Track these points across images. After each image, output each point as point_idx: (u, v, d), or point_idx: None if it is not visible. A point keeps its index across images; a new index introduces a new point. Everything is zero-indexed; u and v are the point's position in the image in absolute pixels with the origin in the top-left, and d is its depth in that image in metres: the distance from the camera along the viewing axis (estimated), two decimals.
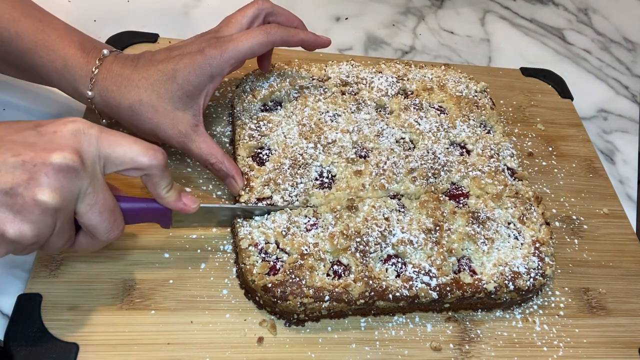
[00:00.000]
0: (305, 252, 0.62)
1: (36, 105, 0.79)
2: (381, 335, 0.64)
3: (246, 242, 0.63)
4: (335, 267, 0.63)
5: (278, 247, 0.63)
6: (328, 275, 0.62)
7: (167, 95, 0.63)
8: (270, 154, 0.71)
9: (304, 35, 0.70)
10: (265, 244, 0.63)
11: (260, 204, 0.66)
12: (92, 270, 0.62)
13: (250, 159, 0.71)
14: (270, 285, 0.60)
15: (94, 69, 0.63)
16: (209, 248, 0.67)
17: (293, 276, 0.60)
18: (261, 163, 0.71)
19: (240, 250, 0.63)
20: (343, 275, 0.62)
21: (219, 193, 0.72)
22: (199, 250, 0.66)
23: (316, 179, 0.69)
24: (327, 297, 0.60)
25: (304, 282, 0.60)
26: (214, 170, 0.67)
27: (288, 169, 0.69)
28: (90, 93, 0.64)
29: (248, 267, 0.61)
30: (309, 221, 0.65)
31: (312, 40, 0.71)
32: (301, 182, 0.68)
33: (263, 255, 0.62)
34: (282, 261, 0.62)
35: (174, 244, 0.66)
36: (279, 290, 0.60)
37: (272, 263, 0.62)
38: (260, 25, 0.68)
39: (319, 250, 0.63)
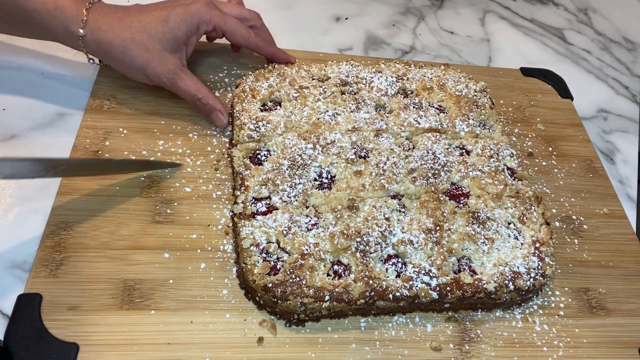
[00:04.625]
0: (305, 251, 0.62)
1: (36, 105, 0.79)
2: (381, 335, 0.64)
3: (248, 242, 0.63)
4: (336, 267, 0.63)
5: (279, 246, 0.63)
6: (328, 275, 0.62)
7: (158, 36, 0.70)
8: (268, 154, 0.71)
9: (276, 49, 0.83)
10: (267, 243, 0.63)
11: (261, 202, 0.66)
12: (92, 270, 0.62)
13: (248, 159, 0.71)
14: (270, 285, 0.60)
15: (84, 10, 0.69)
16: (209, 248, 0.67)
17: (293, 276, 0.60)
18: (259, 163, 0.71)
19: (241, 250, 0.63)
20: (343, 275, 0.62)
21: (218, 193, 0.72)
22: (199, 250, 0.66)
23: (315, 180, 0.69)
24: (327, 297, 0.60)
25: (304, 282, 0.60)
26: (201, 105, 0.75)
27: (287, 169, 0.69)
28: (82, 31, 0.69)
29: (249, 267, 0.61)
30: (310, 221, 0.65)
31: (281, 57, 0.84)
32: (300, 183, 0.68)
33: (264, 255, 0.62)
34: (282, 261, 0.62)
35: (174, 243, 0.66)
36: (279, 290, 0.60)
37: (272, 263, 0.62)
38: (252, 29, 0.80)
39: (320, 250, 0.63)
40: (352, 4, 1.11)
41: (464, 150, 0.77)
